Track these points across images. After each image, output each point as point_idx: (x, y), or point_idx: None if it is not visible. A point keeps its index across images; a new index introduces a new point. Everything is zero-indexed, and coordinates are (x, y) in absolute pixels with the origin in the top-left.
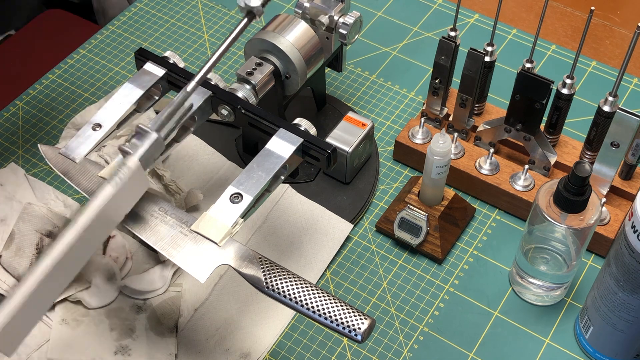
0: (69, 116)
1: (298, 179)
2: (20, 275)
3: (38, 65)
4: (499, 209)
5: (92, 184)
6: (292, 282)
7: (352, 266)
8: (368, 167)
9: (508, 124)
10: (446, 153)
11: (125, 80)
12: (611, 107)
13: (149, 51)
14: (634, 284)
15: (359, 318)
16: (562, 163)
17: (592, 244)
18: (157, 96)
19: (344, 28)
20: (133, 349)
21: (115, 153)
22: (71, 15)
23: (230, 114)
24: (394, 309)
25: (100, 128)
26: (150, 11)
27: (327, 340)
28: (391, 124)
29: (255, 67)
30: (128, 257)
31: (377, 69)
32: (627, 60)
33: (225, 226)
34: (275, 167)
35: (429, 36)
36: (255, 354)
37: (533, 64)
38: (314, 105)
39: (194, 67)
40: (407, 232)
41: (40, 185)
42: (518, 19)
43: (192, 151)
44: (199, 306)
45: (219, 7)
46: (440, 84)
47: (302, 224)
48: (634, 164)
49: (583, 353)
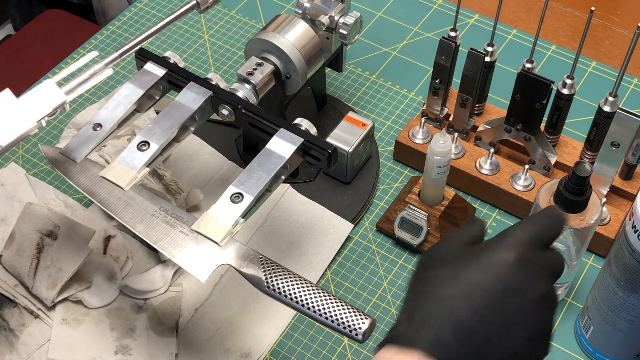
0: (69, 116)
1: (298, 179)
2: (20, 275)
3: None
4: (499, 209)
5: (92, 184)
6: (293, 281)
7: (352, 266)
8: (368, 167)
9: (508, 124)
10: (446, 153)
11: (125, 80)
12: (611, 107)
13: (149, 51)
14: (634, 284)
15: (359, 318)
16: (562, 163)
17: (593, 243)
18: (158, 96)
19: (344, 28)
20: (133, 349)
21: (116, 153)
22: (71, 15)
23: (231, 114)
24: (394, 309)
25: (100, 128)
26: (150, 11)
27: (328, 340)
28: (391, 124)
29: (256, 67)
30: (129, 257)
31: (378, 69)
32: (627, 60)
33: (226, 226)
34: (276, 167)
35: (429, 36)
36: (256, 353)
37: (533, 64)
38: (314, 105)
39: (194, 67)
40: (407, 232)
41: (40, 185)
42: (518, 19)
43: (192, 151)
44: (199, 306)
45: (219, 7)
46: (440, 84)
47: (302, 224)
48: (634, 164)
49: (583, 353)
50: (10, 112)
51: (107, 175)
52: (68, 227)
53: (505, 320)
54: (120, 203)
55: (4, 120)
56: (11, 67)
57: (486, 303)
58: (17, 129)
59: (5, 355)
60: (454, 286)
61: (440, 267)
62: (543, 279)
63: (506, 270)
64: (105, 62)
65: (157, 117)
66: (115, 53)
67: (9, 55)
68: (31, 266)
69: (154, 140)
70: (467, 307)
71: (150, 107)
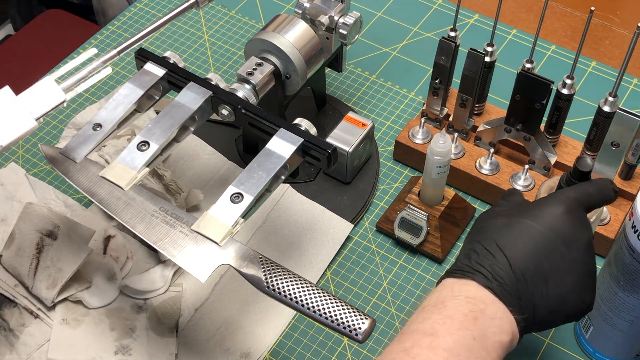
0: (69, 116)
1: (298, 179)
2: (20, 275)
3: (38, 65)
4: None
5: (92, 184)
6: (293, 281)
7: (352, 266)
8: (368, 167)
9: (508, 124)
10: (446, 153)
11: (125, 80)
12: (611, 107)
13: (149, 51)
14: (634, 284)
15: (359, 318)
16: (562, 163)
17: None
18: (158, 96)
19: (344, 28)
20: (133, 349)
21: (116, 153)
22: (71, 15)
23: (231, 114)
24: (394, 309)
25: (100, 128)
26: (150, 11)
27: (328, 340)
28: (391, 124)
29: (256, 67)
30: (129, 257)
31: (377, 69)
32: (627, 60)
33: (226, 226)
34: (276, 167)
35: (429, 36)
36: (256, 353)
37: (533, 64)
38: (314, 105)
39: (194, 67)
40: (407, 232)
41: (40, 185)
42: (518, 19)
43: (192, 151)
44: (199, 306)
45: (219, 7)
46: (440, 84)
47: (302, 224)
48: (634, 164)
49: (583, 353)
50: (10, 111)
51: (107, 175)
52: (68, 227)
53: (554, 264)
54: (120, 203)
55: (4, 118)
56: (11, 67)
57: (537, 247)
58: (16, 128)
59: (5, 355)
60: (508, 232)
61: (497, 217)
62: (586, 231)
63: (556, 220)
64: (103, 59)
65: (157, 117)
66: (113, 50)
67: (9, 55)
68: (31, 266)
69: (153, 140)
70: (520, 249)
71: (150, 107)
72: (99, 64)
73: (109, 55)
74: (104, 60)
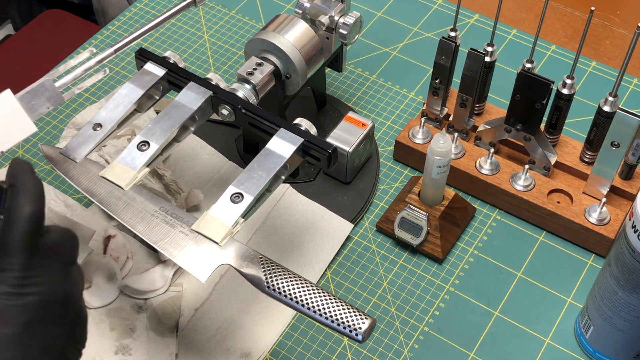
0: (69, 116)
1: (298, 179)
2: None
3: (38, 65)
4: (499, 209)
5: (92, 184)
6: (293, 281)
7: (352, 266)
8: (368, 167)
9: (508, 124)
10: (446, 153)
11: (125, 80)
12: (611, 107)
13: (149, 51)
14: (634, 284)
15: (359, 318)
16: (562, 163)
17: (593, 243)
18: (158, 96)
19: (344, 28)
20: (134, 349)
21: (116, 153)
22: (71, 15)
23: (231, 114)
24: (394, 309)
25: (100, 128)
26: (150, 11)
27: (328, 340)
28: (391, 124)
29: (256, 67)
30: (129, 257)
31: (377, 69)
32: (627, 60)
33: (226, 226)
34: (276, 167)
35: (429, 36)
36: (256, 353)
37: (533, 64)
38: (314, 105)
39: (194, 67)
40: (407, 232)
41: None
42: (518, 19)
43: (192, 151)
44: (199, 306)
45: (219, 7)
46: (440, 84)
47: (302, 224)
48: (634, 164)
49: (583, 353)
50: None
51: (107, 175)
52: (68, 227)
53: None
54: (120, 203)
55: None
56: (11, 67)
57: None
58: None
59: None
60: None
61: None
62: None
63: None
64: (99, 57)
65: (157, 117)
66: (110, 49)
67: (9, 55)
68: None
69: (154, 140)
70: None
71: (150, 107)
72: (94, 62)
73: (105, 54)
74: (100, 58)
